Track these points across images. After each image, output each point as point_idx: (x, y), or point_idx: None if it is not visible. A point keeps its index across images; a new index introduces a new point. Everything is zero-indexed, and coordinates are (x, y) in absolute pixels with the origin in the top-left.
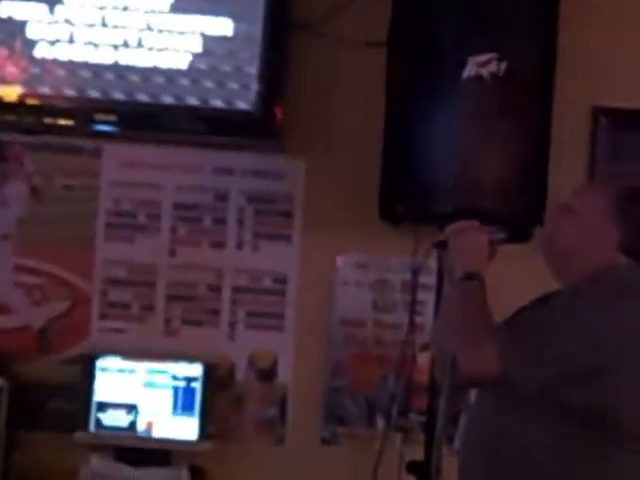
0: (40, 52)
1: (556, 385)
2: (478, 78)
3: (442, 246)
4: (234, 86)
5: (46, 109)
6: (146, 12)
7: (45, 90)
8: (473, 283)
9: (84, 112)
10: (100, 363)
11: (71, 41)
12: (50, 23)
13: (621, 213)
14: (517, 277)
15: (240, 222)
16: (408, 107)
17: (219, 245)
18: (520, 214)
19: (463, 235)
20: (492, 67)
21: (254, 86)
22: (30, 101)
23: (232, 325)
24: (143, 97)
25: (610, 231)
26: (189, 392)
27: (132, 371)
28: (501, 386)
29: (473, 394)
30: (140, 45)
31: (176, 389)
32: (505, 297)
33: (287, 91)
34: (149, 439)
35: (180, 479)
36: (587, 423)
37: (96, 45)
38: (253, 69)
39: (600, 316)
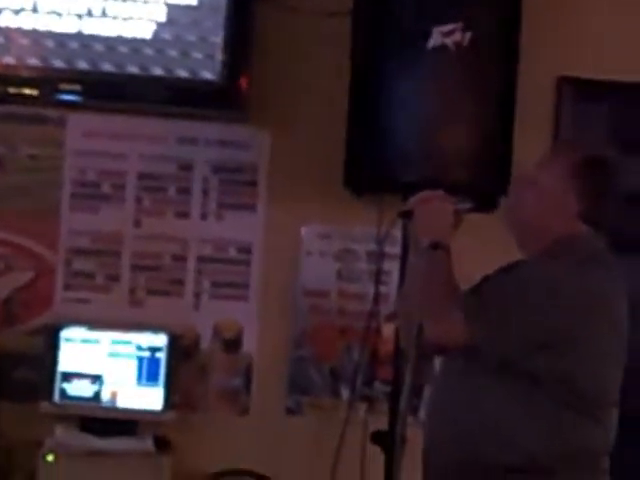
0: (4, 21)
1: (521, 353)
2: (443, 48)
3: (408, 215)
4: (199, 56)
5: (10, 79)
6: None
7: (9, 60)
8: (439, 252)
9: (48, 81)
10: (65, 333)
11: (35, 10)
12: None
13: (580, 183)
14: (483, 246)
15: (205, 192)
16: (373, 77)
17: (184, 215)
18: (485, 184)
19: (429, 204)
20: (456, 37)
21: (219, 56)
22: None
23: (197, 295)
24: (107, 67)
25: (570, 201)
26: (154, 362)
27: (97, 341)
28: (467, 355)
29: (438, 364)
30: (104, 14)
31: (141, 359)
32: (471, 266)
33: (252, 61)
34: (114, 409)
35: (145, 449)
36: (553, 391)
37: (60, 14)
38: (218, 39)
39: (564, 284)
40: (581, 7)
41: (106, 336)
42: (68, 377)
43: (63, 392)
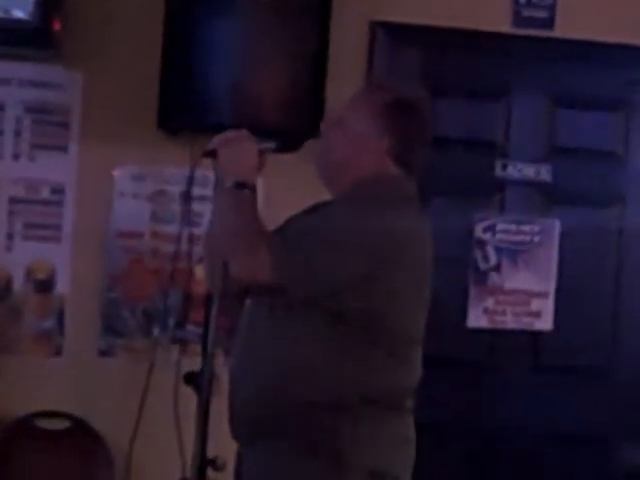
0: None
1: (326, 293)
2: None
3: (211, 155)
4: None
5: None
6: None
7: None
8: (244, 192)
9: None
10: None
11: None
12: None
13: (390, 123)
14: (287, 186)
15: (17, 133)
16: (188, 18)
17: None
18: (296, 127)
19: (232, 144)
20: None
21: None
22: None
23: (9, 236)
24: None
25: (378, 140)
26: None
27: None
28: (273, 294)
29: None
30: None
31: None
32: (276, 206)
33: (66, 1)
34: None
35: None
36: (357, 329)
37: None
38: None
39: (368, 226)
40: None
41: None
42: None
43: None
